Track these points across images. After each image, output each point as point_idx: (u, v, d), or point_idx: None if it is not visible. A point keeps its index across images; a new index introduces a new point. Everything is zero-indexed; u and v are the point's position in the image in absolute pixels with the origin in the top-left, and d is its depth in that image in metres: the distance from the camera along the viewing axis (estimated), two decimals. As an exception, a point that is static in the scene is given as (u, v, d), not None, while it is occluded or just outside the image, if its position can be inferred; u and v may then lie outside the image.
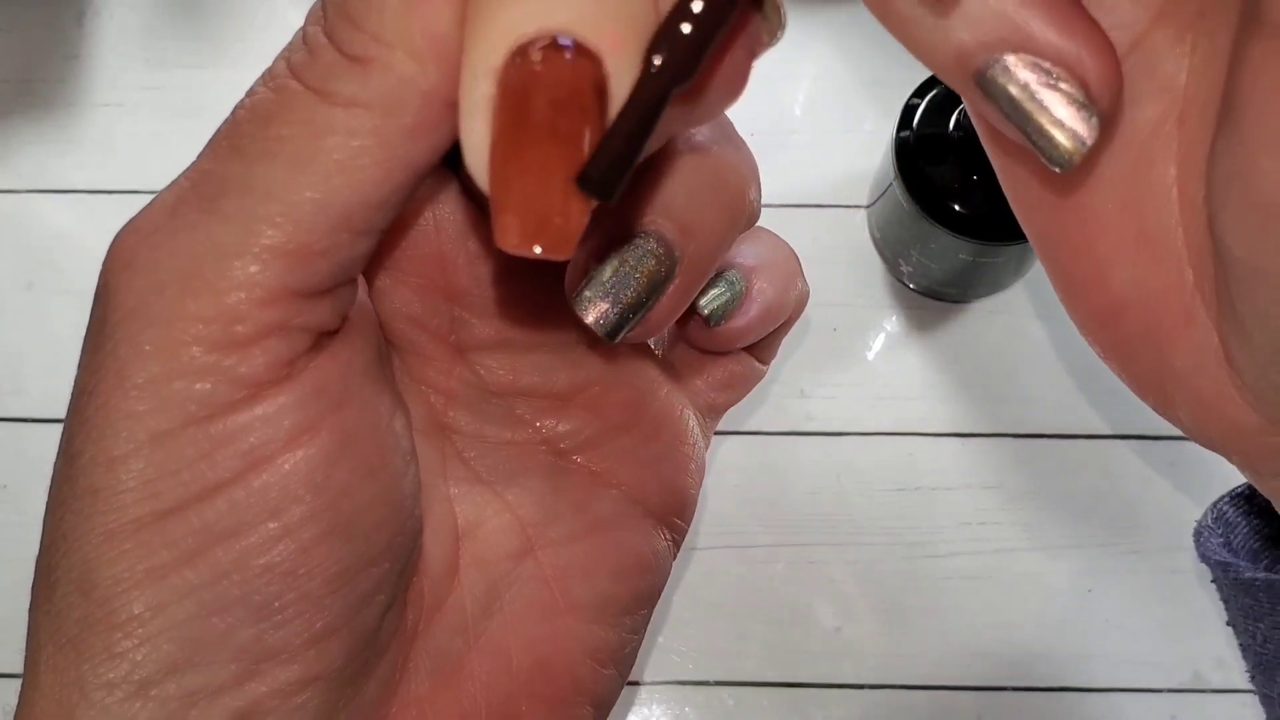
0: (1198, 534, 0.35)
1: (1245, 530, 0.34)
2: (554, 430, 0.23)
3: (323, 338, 0.18)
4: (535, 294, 0.21)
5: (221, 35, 0.52)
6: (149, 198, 0.18)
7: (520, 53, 0.14)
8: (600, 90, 0.14)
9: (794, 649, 0.46)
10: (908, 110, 0.43)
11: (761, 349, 0.26)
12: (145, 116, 0.51)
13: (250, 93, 0.17)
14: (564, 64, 0.14)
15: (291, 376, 0.17)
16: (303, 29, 0.16)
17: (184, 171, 0.17)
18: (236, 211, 0.16)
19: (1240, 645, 0.39)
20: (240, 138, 0.16)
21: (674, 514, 0.24)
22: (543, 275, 0.21)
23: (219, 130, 0.17)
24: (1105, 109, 0.14)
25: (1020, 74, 0.14)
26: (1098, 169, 0.15)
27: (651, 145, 0.16)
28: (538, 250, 0.15)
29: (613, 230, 0.20)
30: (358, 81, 0.15)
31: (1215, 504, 0.35)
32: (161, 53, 0.52)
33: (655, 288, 0.20)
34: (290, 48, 0.16)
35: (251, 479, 0.17)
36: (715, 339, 0.24)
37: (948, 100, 0.43)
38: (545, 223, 0.15)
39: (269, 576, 0.17)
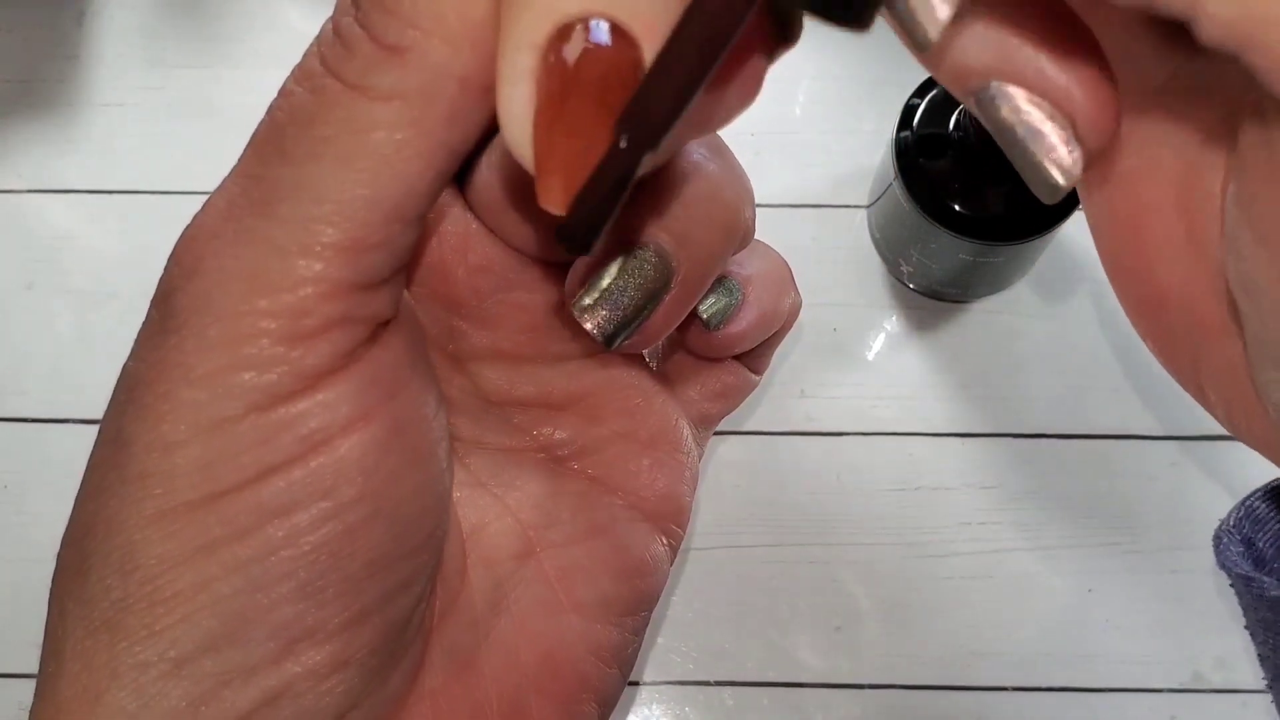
0: (1217, 539, 0.35)
1: (1277, 528, 0.34)
2: (551, 438, 0.24)
3: (378, 328, 0.18)
4: (532, 306, 0.22)
5: (221, 35, 0.52)
6: (149, 198, 0.19)
7: (563, 31, 0.15)
8: (638, 70, 0.15)
9: (794, 649, 0.46)
10: (908, 110, 0.43)
11: (755, 358, 0.27)
12: (145, 116, 0.51)
13: (286, 93, 0.17)
14: (604, 44, 0.15)
15: (349, 365, 0.18)
16: (333, 20, 0.17)
17: (230, 175, 0.18)
18: (292, 214, 0.17)
19: (1259, 655, 0.39)
20: (285, 141, 0.17)
21: (670, 520, 0.25)
22: (539, 288, 0.22)
23: (259, 132, 0.17)
24: (1092, 147, 0.14)
25: (1013, 101, 0.14)
26: (1158, 163, 0.15)
27: (661, 156, 0.16)
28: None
29: (613, 241, 0.21)
30: (396, 73, 0.16)
31: (1245, 500, 0.35)
32: (161, 53, 0.52)
33: (653, 297, 0.21)
34: (321, 41, 0.17)
35: (309, 461, 0.17)
36: (713, 344, 0.25)
37: (948, 100, 0.43)
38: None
39: (316, 555, 0.18)
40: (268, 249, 0.17)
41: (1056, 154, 0.14)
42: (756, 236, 0.24)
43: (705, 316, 0.24)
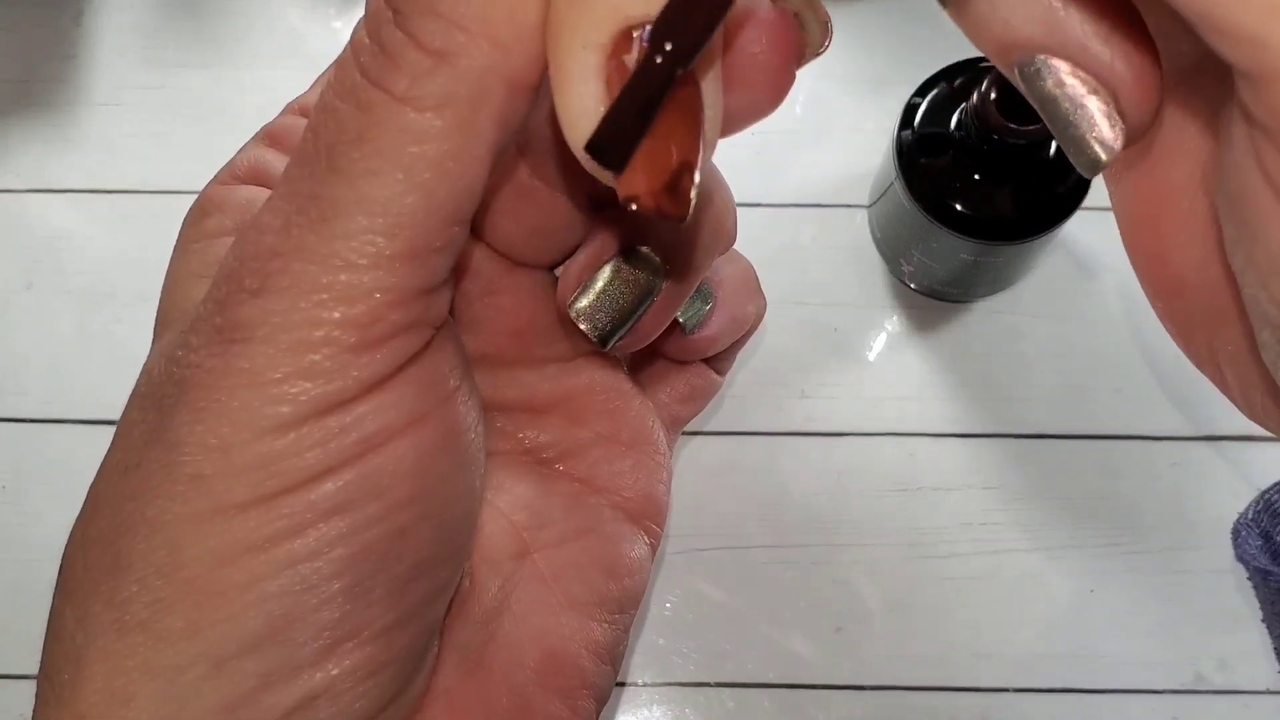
0: (1236, 532, 0.34)
1: None
2: (536, 441, 0.24)
3: (434, 332, 0.19)
4: (516, 310, 0.23)
5: (221, 35, 0.52)
6: (149, 197, 0.18)
7: (626, 33, 0.15)
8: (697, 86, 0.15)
9: (794, 650, 0.45)
10: (909, 109, 0.43)
11: (720, 360, 0.28)
12: (144, 116, 0.51)
13: (329, 109, 0.17)
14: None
15: (407, 368, 0.18)
16: (366, 28, 0.17)
17: (279, 194, 0.18)
18: (354, 229, 0.17)
19: (1275, 649, 0.39)
20: (336, 158, 0.17)
21: (650, 520, 0.25)
22: (523, 292, 0.23)
23: (306, 150, 0.17)
24: (1135, 124, 0.15)
25: (1058, 74, 0.14)
26: (1184, 145, 0.15)
27: (707, 152, 0.17)
28: (661, 210, 0.16)
29: (607, 245, 0.21)
30: (442, 79, 0.16)
31: (1264, 493, 0.35)
32: (160, 52, 0.52)
33: (645, 299, 0.21)
34: (358, 51, 0.17)
35: (365, 462, 0.18)
36: (687, 347, 0.25)
37: (949, 99, 0.43)
38: (673, 183, 0.15)
39: (366, 555, 0.18)
40: (336, 264, 0.17)
41: (1099, 129, 0.14)
42: (758, 235, 0.25)
43: (682, 320, 0.25)
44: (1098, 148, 0.15)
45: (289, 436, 0.17)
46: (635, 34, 0.15)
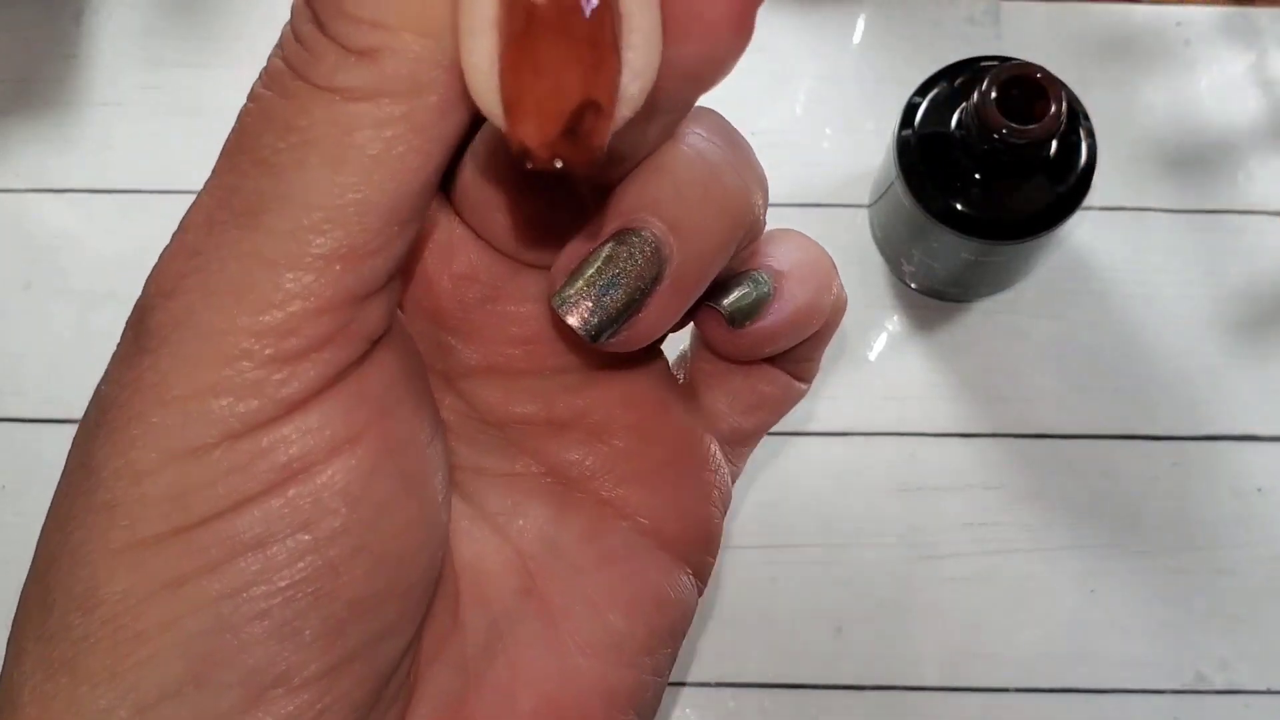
0: None
1: None
2: (557, 458, 0.21)
3: (371, 345, 0.17)
4: (523, 317, 0.20)
5: (220, 34, 0.52)
6: (147, 197, 0.18)
7: None
8: (614, 2, 0.14)
9: (795, 650, 0.45)
10: (909, 109, 0.43)
11: (798, 363, 0.24)
12: (143, 115, 0.51)
13: (255, 97, 0.16)
14: None
15: (337, 384, 0.16)
16: (290, 24, 0.16)
17: (205, 189, 0.16)
18: (280, 224, 0.15)
19: None
20: (261, 149, 0.15)
21: (695, 547, 0.22)
22: (529, 297, 0.20)
23: (231, 142, 0.16)
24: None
25: None
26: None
27: (635, 78, 0.15)
28: (559, 163, 0.14)
29: (598, 226, 0.19)
30: (373, 72, 0.15)
31: None
32: (160, 52, 0.52)
33: (643, 289, 0.18)
34: (283, 45, 0.16)
35: (287, 489, 0.16)
36: (738, 343, 0.22)
37: (950, 99, 0.43)
38: (568, 126, 0.14)
39: (293, 592, 0.16)
40: (254, 263, 0.15)
41: None
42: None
43: (728, 311, 0.21)
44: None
45: (201, 462, 0.16)
46: None
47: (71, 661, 0.16)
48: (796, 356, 0.23)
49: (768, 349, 0.22)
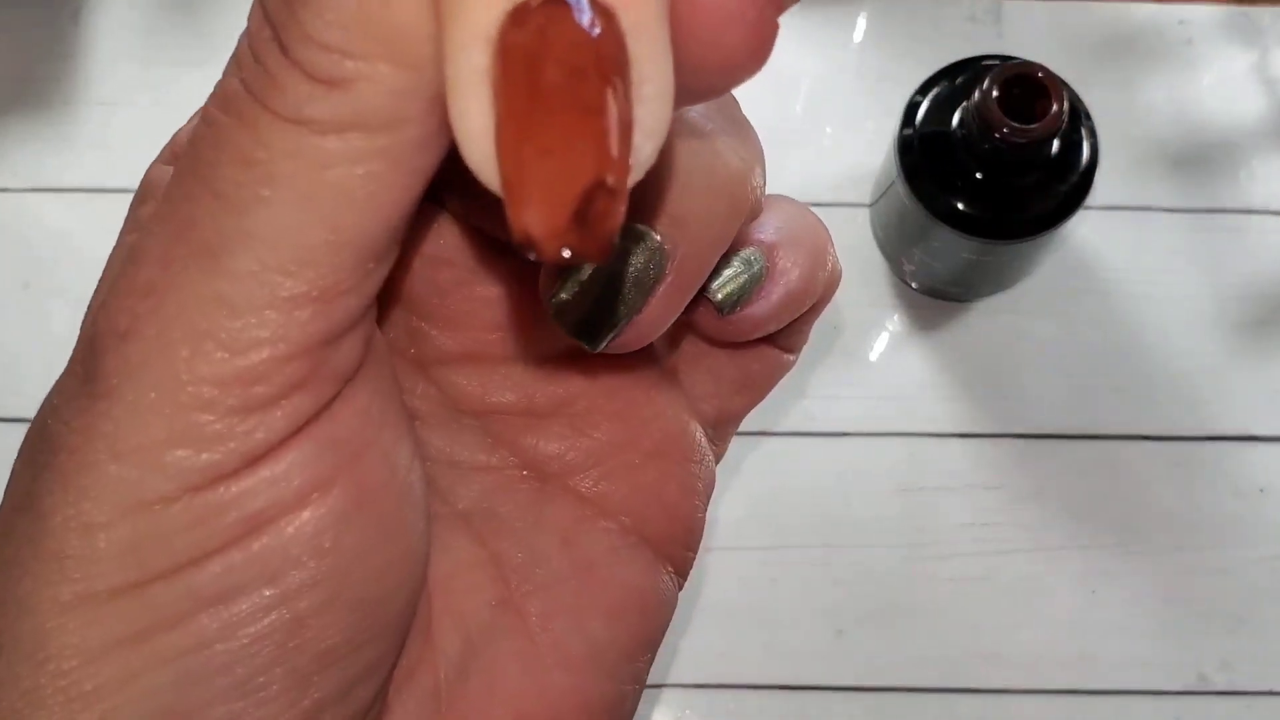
0: None
1: None
2: (536, 451, 0.20)
3: (341, 385, 0.16)
4: (500, 301, 0.19)
5: (218, 33, 0.52)
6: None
7: (520, 12, 0.12)
8: (620, 49, 0.12)
9: (795, 651, 0.45)
10: (910, 108, 0.43)
11: (788, 336, 0.22)
12: (141, 114, 0.51)
13: (210, 121, 0.14)
14: (575, 23, 0.12)
15: (305, 429, 0.15)
16: (248, 42, 0.14)
17: (158, 214, 0.15)
18: (243, 265, 0.14)
19: None
20: (219, 181, 0.14)
21: (677, 542, 0.21)
22: (506, 280, 0.19)
23: (185, 165, 0.15)
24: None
25: None
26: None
27: (646, 140, 0.14)
28: (567, 253, 0.12)
29: None
30: (345, 104, 0.13)
31: None
32: (157, 50, 0.52)
33: (643, 288, 0.17)
34: (240, 65, 0.14)
35: (251, 542, 0.15)
36: (731, 329, 0.20)
37: (951, 98, 0.43)
38: (579, 215, 0.12)
39: (257, 648, 0.15)
40: (216, 308, 0.14)
41: None
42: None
43: (719, 297, 0.19)
44: None
45: (159, 516, 0.15)
46: (537, 6, 0.12)
47: (20, 715, 0.15)
48: (787, 330, 0.22)
49: (759, 333, 0.21)
